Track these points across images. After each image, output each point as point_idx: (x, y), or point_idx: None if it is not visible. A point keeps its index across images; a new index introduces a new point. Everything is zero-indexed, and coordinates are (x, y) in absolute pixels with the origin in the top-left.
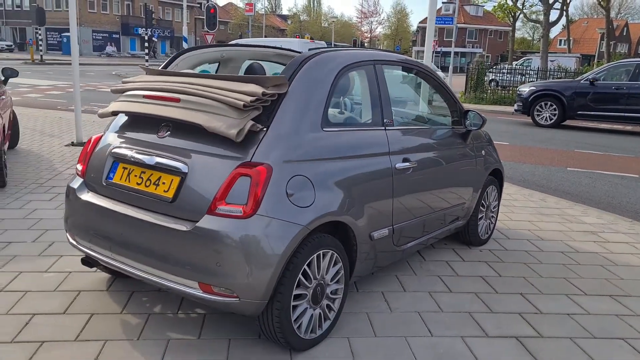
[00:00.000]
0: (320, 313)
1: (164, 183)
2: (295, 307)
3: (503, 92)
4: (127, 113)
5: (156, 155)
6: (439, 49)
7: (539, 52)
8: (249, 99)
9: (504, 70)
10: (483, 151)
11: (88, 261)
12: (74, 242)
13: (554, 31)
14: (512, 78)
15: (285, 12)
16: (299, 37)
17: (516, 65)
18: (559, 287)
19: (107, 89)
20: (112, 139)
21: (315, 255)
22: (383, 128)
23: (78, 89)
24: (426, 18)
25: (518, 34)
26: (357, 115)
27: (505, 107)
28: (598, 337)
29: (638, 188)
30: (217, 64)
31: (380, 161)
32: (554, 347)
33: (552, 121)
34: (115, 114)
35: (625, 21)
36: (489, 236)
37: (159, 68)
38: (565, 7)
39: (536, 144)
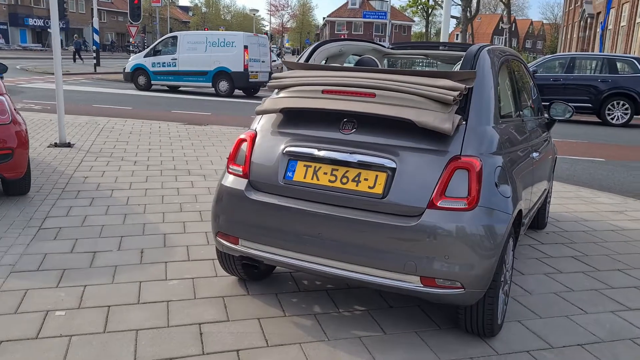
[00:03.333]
0: (504, 299)
1: (366, 179)
2: None
3: None
4: (305, 109)
5: (353, 153)
6: None
7: None
8: (455, 93)
9: None
10: (551, 139)
11: (251, 264)
12: (233, 245)
13: (451, 26)
14: None
15: (185, 2)
16: (256, 34)
17: None
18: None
19: (28, 84)
20: (277, 137)
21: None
22: (521, 120)
23: (61, 89)
24: (334, 12)
25: (416, 29)
26: (507, 107)
27: None
28: None
29: (612, 170)
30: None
31: (528, 152)
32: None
33: None
34: (284, 110)
35: (514, 17)
36: (547, 219)
37: (295, 61)
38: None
39: None
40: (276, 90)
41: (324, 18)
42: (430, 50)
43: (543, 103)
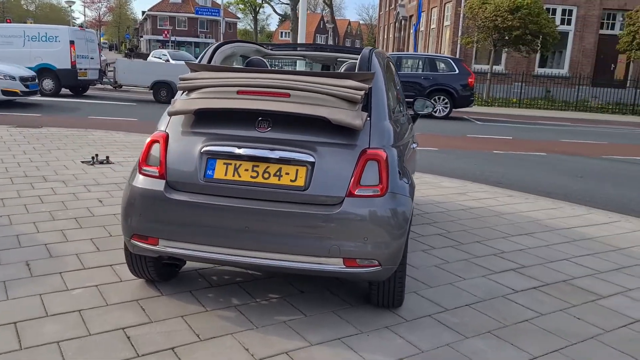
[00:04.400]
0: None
1: (287, 174)
2: None
3: None
4: (222, 110)
5: (274, 149)
6: (173, 39)
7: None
8: (362, 92)
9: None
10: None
11: (172, 263)
12: (151, 246)
13: (273, 24)
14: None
15: None
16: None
17: None
18: (488, 232)
19: None
20: (192, 137)
21: None
22: (402, 114)
23: None
24: (154, 6)
25: (240, 26)
26: (393, 103)
27: None
28: None
29: (445, 157)
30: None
31: (410, 143)
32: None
33: None
34: (199, 111)
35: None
36: None
37: (201, 62)
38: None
39: None
40: (184, 92)
41: (143, 12)
42: (307, 52)
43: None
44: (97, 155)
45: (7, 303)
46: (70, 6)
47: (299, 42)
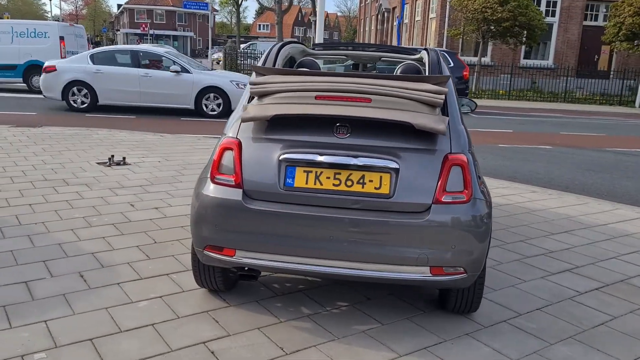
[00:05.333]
0: None
1: (371, 181)
2: None
3: None
4: (300, 116)
5: (357, 156)
6: (151, 32)
7: (262, 38)
8: (442, 96)
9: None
10: None
11: (249, 275)
12: (228, 257)
13: (250, 17)
14: None
15: None
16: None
17: (243, 49)
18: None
19: None
20: (268, 144)
21: None
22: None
23: None
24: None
25: (217, 18)
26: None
27: None
28: None
29: None
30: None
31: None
32: None
33: None
34: (276, 117)
35: (311, 10)
36: None
37: (265, 65)
38: None
39: None
40: (254, 97)
41: (119, 5)
42: (349, 51)
43: None
44: (113, 156)
45: (76, 318)
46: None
47: (316, 40)
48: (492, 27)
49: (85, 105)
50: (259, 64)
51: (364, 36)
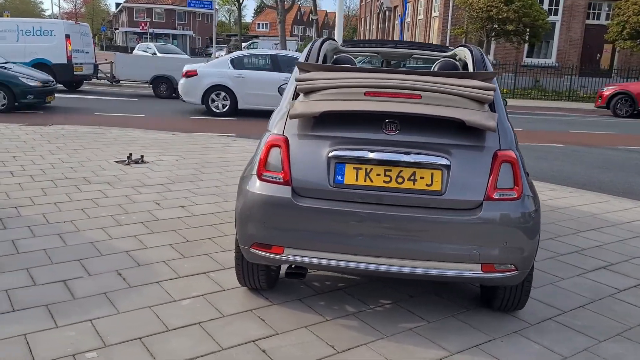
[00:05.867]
0: None
1: (422, 178)
2: None
3: None
4: (350, 112)
5: (408, 152)
6: (151, 31)
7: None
8: (492, 93)
9: None
10: None
11: (297, 272)
12: (275, 255)
13: (248, 16)
14: None
15: None
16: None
17: (245, 47)
18: None
19: None
20: (316, 140)
21: None
22: None
23: None
24: None
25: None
26: None
27: None
28: None
29: None
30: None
31: None
32: None
33: None
34: (325, 114)
35: (310, 8)
36: None
37: (308, 61)
38: None
39: None
40: (299, 93)
41: (118, 4)
42: (380, 48)
43: None
44: (131, 154)
45: (121, 317)
46: None
47: (336, 38)
48: (496, 26)
49: (225, 109)
50: (301, 59)
51: (365, 35)
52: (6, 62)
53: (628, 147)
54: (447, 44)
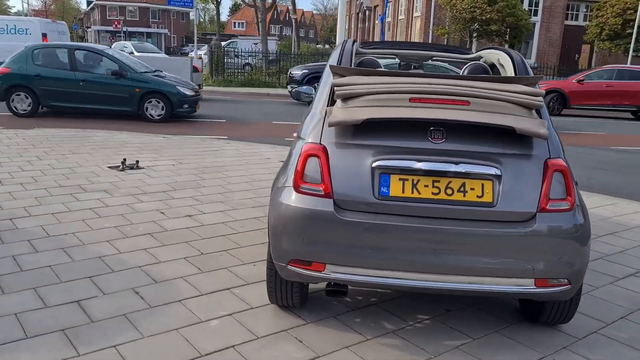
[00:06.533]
0: None
1: (472, 189)
2: None
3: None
4: (395, 120)
5: (459, 162)
6: (124, 29)
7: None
8: (541, 98)
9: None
10: None
11: (339, 290)
12: (316, 273)
13: (224, 15)
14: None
15: None
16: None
17: (224, 47)
18: None
19: None
20: (358, 150)
21: None
22: None
23: None
24: None
25: (191, 16)
26: None
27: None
28: None
29: None
30: None
31: None
32: None
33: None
34: (367, 121)
35: (287, 7)
36: None
37: (341, 65)
38: None
39: None
40: (335, 99)
41: (89, 2)
42: (398, 50)
43: None
44: (125, 159)
45: (148, 342)
46: None
47: (337, 38)
48: (479, 27)
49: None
50: (333, 63)
51: (345, 35)
52: (160, 71)
53: (620, 147)
54: None
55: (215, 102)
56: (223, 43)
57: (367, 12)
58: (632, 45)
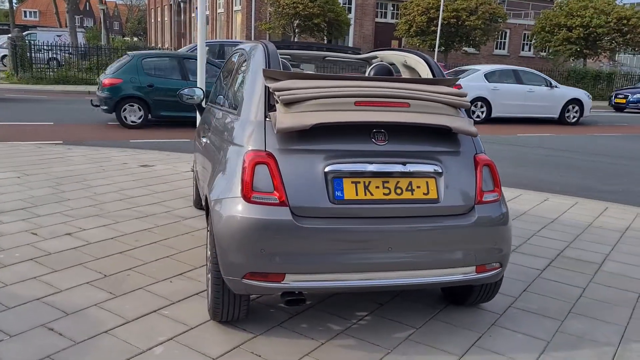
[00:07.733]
0: None
1: (419, 187)
2: None
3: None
4: (343, 124)
5: (406, 163)
6: None
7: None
8: (467, 98)
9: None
10: None
11: (298, 299)
12: (274, 284)
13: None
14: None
15: None
16: None
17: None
18: None
19: None
20: (307, 155)
21: None
22: None
23: None
24: None
25: None
26: None
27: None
28: None
29: None
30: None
31: None
32: None
33: None
34: (316, 126)
35: None
36: None
37: (271, 68)
38: None
39: None
40: (274, 104)
41: None
42: (292, 50)
43: None
44: None
45: None
46: None
47: (198, 37)
48: (301, 22)
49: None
50: (258, 67)
51: (157, 27)
52: None
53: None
54: (252, 38)
55: (32, 103)
56: (21, 34)
57: (181, 5)
58: (437, 42)
